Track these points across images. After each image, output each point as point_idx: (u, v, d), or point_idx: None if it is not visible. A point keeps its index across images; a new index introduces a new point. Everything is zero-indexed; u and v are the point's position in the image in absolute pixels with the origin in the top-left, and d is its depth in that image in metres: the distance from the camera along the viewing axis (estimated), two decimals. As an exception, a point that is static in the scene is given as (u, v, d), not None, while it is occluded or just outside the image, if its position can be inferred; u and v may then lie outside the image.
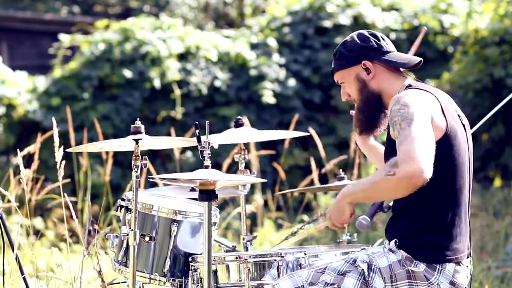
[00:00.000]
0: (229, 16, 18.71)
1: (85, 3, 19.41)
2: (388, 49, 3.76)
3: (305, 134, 4.86)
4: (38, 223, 9.38)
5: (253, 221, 9.26)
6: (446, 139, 3.56)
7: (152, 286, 4.26)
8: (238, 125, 4.65)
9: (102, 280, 4.48)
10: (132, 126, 4.03)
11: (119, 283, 4.55)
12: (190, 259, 4.02)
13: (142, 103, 10.93)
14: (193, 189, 4.43)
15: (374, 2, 12.04)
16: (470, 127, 3.79)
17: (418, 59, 3.75)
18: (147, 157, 4.02)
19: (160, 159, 10.40)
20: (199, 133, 3.75)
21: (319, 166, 8.32)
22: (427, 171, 3.33)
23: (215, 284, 3.92)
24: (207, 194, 3.68)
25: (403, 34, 11.55)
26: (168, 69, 10.93)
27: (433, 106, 3.56)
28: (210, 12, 18.73)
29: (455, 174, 3.59)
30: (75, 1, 19.26)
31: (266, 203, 9.67)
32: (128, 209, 4.09)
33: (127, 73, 10.82)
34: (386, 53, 3.75)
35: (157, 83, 10.85)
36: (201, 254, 4.06)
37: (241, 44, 11.51)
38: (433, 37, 11.57)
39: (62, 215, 5.03)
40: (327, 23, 11.62)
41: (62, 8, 18.87)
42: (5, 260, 4.69)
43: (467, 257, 3.66)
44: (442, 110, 3.58)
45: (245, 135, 4.62)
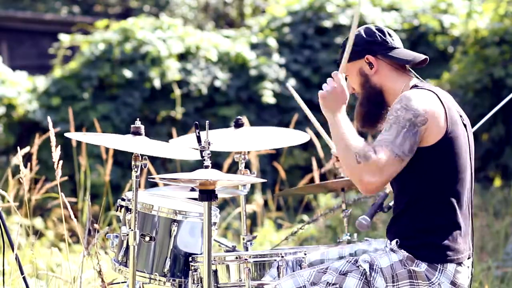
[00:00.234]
0: (229, 16, 18.70)
1: (85, 3, 19.40)
2: (394, 45, 3.73)
3: (305, 139, 4.85)
4: (38, 223, 9.37)
5: (253, 221, 9.25)
6: (447, 140, 3.55)
7: (152, 286, 4.26)
8: (238, 125, 4.65)
9: (102, 280, 4.48)
10: (132, 126, 4.03)
11: (119, 283, 4.55)
12: (190, 259, 4.02)
13: (142, 103, 10.92)
14: (193, 189, 4.43)
15: (374, 2, 12.03)
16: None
17: (423, 56, 3.73)
18: (147, 157, 4.01)
19: (160, 159, 10.40)
20: (199, 133, 3.75)
21: (319, 166, 8.31)
22: (378, 190, 3.43)
23: (215, 284, 3.92)
24: (207, 194, 3.67)
25: (403, 34, 11.54)
26: (168, 69, 10.92)
27: (435, 109, 3.54)
28: (210, 12, 18.72)
29: (456, 175, 3.59)
30: (75, 1, 19.26)
31: (266, 203, 9.66)
32: (128, 209, 4.08)
33: (127, 73, 10.82)
34: (391, 49, 3.73)
35: (157, 83, 10.84)
36: (201, 254, 4.05)
37: (241, 44, 11.50)
38: (433, 37, 11.57)
39: (62, 215, 5.01)
40: (327, 23, 11.62)
41: (62, 8, 18.87)
42: (5, 260, 4.69)
43: (469, 257, 3.65)
44: (445, 111, 3.56)
45: (244, 137, 4.62)
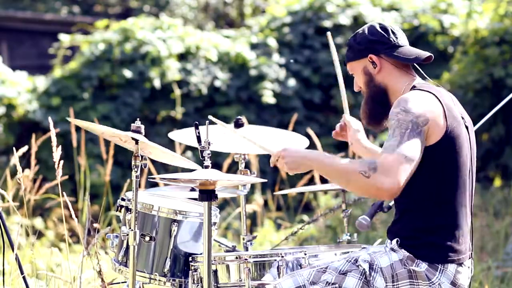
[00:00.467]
0: (229, 16, 18.70)
1: (85, 3, 19.39)
2: (398, 44, 3.71)
3: (305, 144, 4.85)
4: (38, 223, 9.38)
5: (253, 221, 9.25)
6: (447, 141, 3.54)
7: (152, 286, 4.26)
8: (238, 125, 4.65)
9: (102, 280, 4.48)
10: (132, 125, 4.02)
11: (119, 283, 4.55)
12: (190, 259, 4.02)
13: (142, 103, 10.92)
14: (193, 189, 4.42)
15: (374, 2, 12.03)
16: (471, 127, 3.78)
17: (426, 54, 3.71)
18: (147, 157, 4.01)
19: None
20: (199, 133, 3.74)
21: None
22: (399, 190, 3.36)
23: (215, 284, 3.92)
24: (207, 194, 3.67)
25: (403, 34, 11.54)
26: (168, 69, 10.92)
27: (433, 109, 3.53)
28: (210, 12, 18.72)
29: (457, 176, 3.58)
30: (75, 1, 19.25)
31: (266, 203, 9.66)
32: (128, 209, 4.08)
33: (127, 73, 10.82)
34: (395, 47, 3.71)
35: (157, 83, 10.85)
36: (201, 254, 4.05)
37: (241, 44, 11.50)
38: (433, 37, 11.56)
39: (62, 215, 5.01)
40: (327, 23, 11.62)
41: (62, 8, 18.86)
42: (5, 260, 4.69)
43: (469, 258, 3.65)
44: (444, 112, 3.55)
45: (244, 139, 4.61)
